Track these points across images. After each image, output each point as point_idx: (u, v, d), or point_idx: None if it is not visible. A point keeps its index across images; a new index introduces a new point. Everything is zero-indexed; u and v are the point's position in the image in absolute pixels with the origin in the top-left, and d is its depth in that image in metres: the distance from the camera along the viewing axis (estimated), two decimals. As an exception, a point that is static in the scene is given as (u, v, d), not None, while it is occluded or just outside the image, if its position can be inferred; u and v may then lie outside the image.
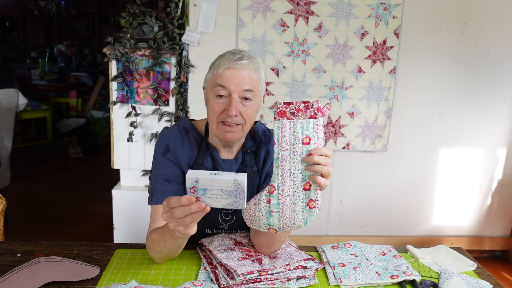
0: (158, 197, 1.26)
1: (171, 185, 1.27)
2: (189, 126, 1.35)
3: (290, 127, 1.03)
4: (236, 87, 1.20)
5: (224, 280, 1.10)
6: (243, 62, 1.20)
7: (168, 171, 1.28)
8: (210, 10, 2.40)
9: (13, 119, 3.95)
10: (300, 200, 1.05)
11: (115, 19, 7.41)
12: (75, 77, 5.84)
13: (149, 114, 2.47)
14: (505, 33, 2.58)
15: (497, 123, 2.72)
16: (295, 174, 1.04)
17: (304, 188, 1.05)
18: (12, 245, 1.29)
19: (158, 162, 1.30)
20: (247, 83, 1.20)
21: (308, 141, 1.02)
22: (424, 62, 2.59)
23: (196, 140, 1.32)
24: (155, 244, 1.16)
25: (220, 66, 1.21)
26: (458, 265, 1.28)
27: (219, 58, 1.25)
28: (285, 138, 1.03)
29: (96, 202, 3.59)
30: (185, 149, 1.30)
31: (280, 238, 1.19)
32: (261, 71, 1.26)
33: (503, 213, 2.89)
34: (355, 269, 1.21)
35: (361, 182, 2.73)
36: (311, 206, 1.05)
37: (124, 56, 2.36)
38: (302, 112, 1.02)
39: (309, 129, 1.02)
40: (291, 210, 1.06)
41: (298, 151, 1.03)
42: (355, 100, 2.58)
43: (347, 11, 2.46)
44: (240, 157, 1.34)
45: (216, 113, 1.23)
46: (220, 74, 1.21)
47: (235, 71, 1.20)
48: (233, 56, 1.21)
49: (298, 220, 1.07)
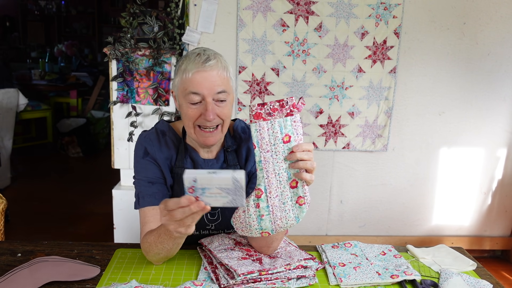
0: (144, 200, 1.26)
1: (155, 187, 1.27)
2: (166, 128, 1.33)
3: (268, 128, 1.02)
4: (209, 91, 1.17)
5: (225, 280, 1.10)
6: (211, 63, 1.17)
7: (150, 173, 1.27)
8: (210, 10, 2.40)
9: (13, 119, 3.95)
10: (289, 198, 1.04)
11: (115, 19, 7.41)
12: (75, 77, 5.84)
13: (149, 114, 2.47)
14: (505, 33, 2.58)
15: (497, 122, 2.72)
16: (280, 174, 1.03)
17: (291, 186, 1.04)
18: (12, 245, 1.29)
19: (139, 165, 1.29)
20: (219, 85, 1.18)
21: (288, 139, 1.01)
22: (424, 62, 2.59)
23: (173, 142, 1.31)
24: (152, 247, 1.16)
25: (188, 71, 1.18)
26: (458, 265, 1.28)
27: (184, 61, 1.20)
28: (264, 140, 1.02)
29: (96, 202, 3.59)
30: (163, 151, 1.29)
31: (277, 236, 1.19)
32: (229, 67, 1.23)
33: (503, 213, 2.89)
34: (355, 268, 1.21)
35: (361, 182, 2.73)
36: (301, 203, 1.04)
37: (124, 56, 2.36)
38: (278, 111, 1.01)
39: (287, 127, 1.01)
40: (282, 210, 1.05)
41: (280, 150, 1.02)
42: (355, 100, 2.58)
43: (347, 11, 2.46)
44: (222, 156, 1.33)
45: (192, 118, 1.21)
46: (189, 79, 1.17)
47: (204, 73, 1.16)
48: (199, 58, 1.17)
49: (290, 219, 1.06)
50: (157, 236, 1.14)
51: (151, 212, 1.25)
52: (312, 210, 2.75)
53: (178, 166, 1.30)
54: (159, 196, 1.26)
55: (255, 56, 2.47)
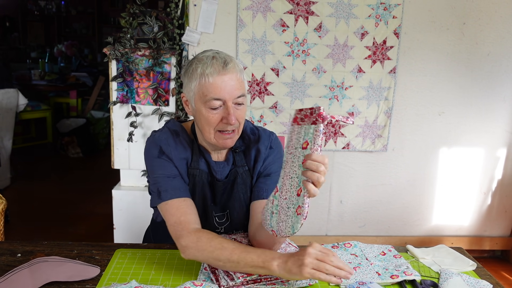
0: (168, 193, 1.21)
1: (176, 181, 1.23)
2: (179, 128, 1.31)
3: (297, 131, 1.04)
4: (230, 96, 1.16)
5: (224, 281, 1.10)
6: (230, 66, 1.16)
7: (168, 171, 1.24)
8: (210, 10, 2.40)
9: (13, 119, 3.95)
10: (293, 205, 1.03)
11: (115, 19, 7.41)
12: (75, 77, 5.84)
13: (149, 114, 2.47)
14: (505, 33, 2.58)
15: (497, 122, 2.72)
16: (292, 178, 1.04)
17: (297, 193, 1.03)
18: (12, 245, 1.29)
19: (155, 164, 1.25)
20: (238, 89, 1.18)
21: (305, 145, 1.02)
22: (424, 62, 2.59)
23: (187, 142, 1.29)
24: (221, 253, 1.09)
25: (207, 75, 1.15)
26: (458, 265, 1.28)
27: (199, 65, 1.17)
28: (291, 142, 1.05)
29: (96, 202, 3.59)
30: (179, 150, 1.26)
31: (280, 239, 1.17)
32: (242, 67, 1.23)
33: (503, 213, 2.89)
34: (355, 269, 1.21)
35: (361, 182, 2.73)
36: (298, 212, 1.02)
37: (124, 56, 2.36)
38: (308, 118, 1.03)
39: (308, 135, 1.02)
40: (285, 214, 1.05)
41: (297, 155, 1.03)
42: (355, 100, 2.58)
43: (347, 11, 2.46)
44: (230, 158, 1.33)
45: (213, 124, 1.19)
46: (210, 84, 1.15)
47: (225, 77, 1.15)
48: (217, 62, 1.16)
49: (288, 225, 1.04)
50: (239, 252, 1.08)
51: (184, 203, 1.20)
52: (312, 210, 2.75)
53: (194, 168, 1.28)
54: (183, 189, 1.23)
55: (255, 56, 2.47)
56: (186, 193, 1.23)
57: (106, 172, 3.17)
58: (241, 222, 1.34)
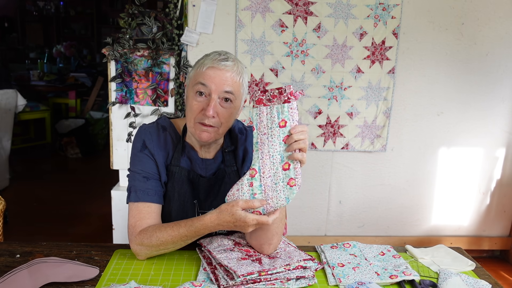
0: (137, 195, 1.26)
1: (149, 183, 1.27)
2: (167, 124, 1.34)
3: (267, 112, 1.10)
4: (217, 87, 1.19)
5: (224, 281, 1.10)
6: (227, 63, 1.20)
7: (146, 167, 1.28)
8: (209, 10, 2.40)
9: (12, 120, 3.95)
10: (281, 180, 1.10)
11: (114, 20, 7.40)
12: (74, 77, 5.83)
13: (148, 115, 2.47)
14: (504, 33, 2.59)
15: (496, 123, 2.72)
16: (274, 156, 1.10)
17: (283, 168, 1.10)
18: (11, 246, 1.29)
19: (136, 158, 1.29)
20: (229, 85, 1.20)
21: (284, 124, 1.09)
22: (422, 62, 2.59)
23: (172, 140, 1.32)
24: (164, 241, 1.18)
25: (204, 65, 1.21)
26: (457, 265, 1.28)
27: (204, 57, 1.24)
28: (263, 123, 1.10)
29: (95, 202, 3.59)
30: (161, 147, 1.30)
31: (277, 230, 1.20)
32: (245, 76, 1.25)
33: (502, 213, 2.89)
34: (354, 269, 1.21)
35: (360, 182, 2.74)
36: (292, 184, 1.10)
37: (123, 56, 2.36)
38: (277, 98, 1.09)
39: (284, 113, 1.09)
40: (273, 190, 1.11)
41: (275, 134, 1.09)
42: (354, 100, 2.58)
43: (345, 11, 2.46)
44: (220, 157, 1.35)
45: (194, 111, 1.23)
46: (202, 72, 1.21)
47: (218, 71, 1.19)
48: (218, 56, 1.21)
49: (281, 199, 1.11)
50: (177, 228, 1.18)
51: (146, 209, 1.25)
52: (311, 211, 2.76)
53: (174, 165, 1.31)
54: (152, 193, 1.26)
55: (254, 57, 2.47)
56: (154, 198, 1.27)
57: (105, 172, 3.16)
58: None
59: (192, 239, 1.20)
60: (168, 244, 1.19)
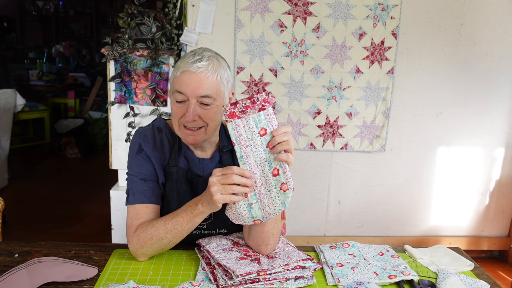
0: (135, 197, 1.26)
1: (147, 184, 1.28)
2: (163, 125, 1.35)
3: (243, 124, 1.08)
4: (192, 92, 1.18)
5: (223, 281, 1.10)
6: (201, 64, 1.17)
7: (143, 170, 1.28)
8: (208, 10, 2.40)
9: (11, 120, 3.95)
10: (273, 186, 1.10)
11: (113, 20, 7.40)
12: (73, 77, 5.83)
13: (147, 115, 2.47)
14: (503, 33, 2.59)
15: (495, 123, 2.73)
16: (261, 164, 1.10)
17: (273, 174, 1.09)
18: (9, 245, 1.29)
19: (133, 162, 1.30)
20: (204, 89, 1.18)
21: (264, 132, 1.08)
22: (421, 63, 2.59)
23: (168, 140, 1.33)
24: (157, 232, 1.18)
25: (179, 69, 1.20)
26: (456, 265, 1.28)
27: (181, 58, 1.24)
28: (242, 136, 1.08)
29: (94, 202, 3.58)
30: (157, 149, 1.30)
31: (272, 231, 1.20)
32: (222, 70, 1.22)
33: (501, 213, 2.89)
34: (353, 269, 1.21)
35: (359, 182, 2.74)
36: (284, 189, 1.09)
37: (122, 56, 2.36)
38: (250, 108, 1.07)
39: (262, 121, 1.07)
40: (268, 197, 1.10)
41: (258, 143, 1.08)
42: (353, 100, 2.58)
43: (345, 11, 2.46)
44: (217, 156, 1.35)
45: (176, 116, 1.23)
46: (178, 78, 1.20)
47: (192, 74, 1.17)
48: (192, 58, 1.19)
49: (277, 205, 1.10)
50: (170, 218, 1.18)
51: (144, 210, 1.26)
52: (310, 211, 2.76)
53: (172, 165, 1.31)
54: (149, 194, 1.27)
55: (253, 57, 2.47)
56: (151, 199, 1.27)
57: (104, 172, 3.16)
58: (224, 220, 1.33)
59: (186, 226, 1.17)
60: (162, 234, 1.17)
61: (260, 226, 1.19)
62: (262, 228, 1.19)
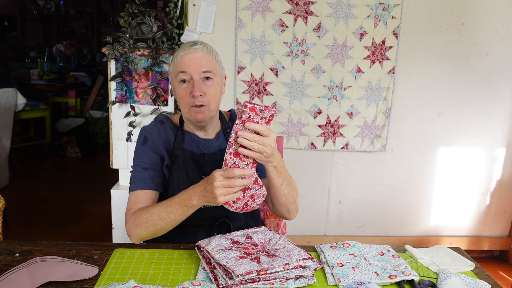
0: (135, 184, 1.35)
1: (148, 172, 1.36)
2: (164, 118, 1.47)
3: None
4: (195, 69, 1.32)
5: (223, 280, 1.10)
6: (197, 46, 1.33)
7: (146, 159, 1.38)
8: (209, 10, 2.40)
9: (11, 119, 3.95)
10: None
11: (114, 19, 7.40)
12: (74, 76, 5.83)
13: (148, 114, 2.47)
14: (504, 33, 2.59)
15: (496, 123, 2.72)
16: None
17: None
18: (10, 244, 1.29)
19: (137, 152, 1.41)
20: (205, 65, 1.32)
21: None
22: (422, 62, 2.59)
23: (171, 128, 1.44)
24: (152, 218, 1.25)
25: (177, 55, 1.34)
26: (457, 265, 1.28)
27: (176, 50, 1.37)
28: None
29: (94, 202, 3.59)
30: (161, 135, 1.41)
31: (288, 198, 1.36)
32: (217, 55, 1.37)
33: (502, 213, 2.89)
34: (353, 269, 1.21)
35: (360, 182, 2.74)
36: None
37: (123, 56, 2.36)
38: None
39: None
40: None
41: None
42: (354, 100, 2.58)
43: (346, 11, 2.46)
44: (221, 136, 1.45)
45: (184, 98, 1.34)
46: (179, 62, 1.33)
47: (190, 55, 1.32)
48: (188, 44, 1.35)
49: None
50: (165, 207, 1.24)
51: (143, 195, 1.34)
52: (311, 211, 2.76)
53: (177, 148, 1.40)
54: (149, 181, 1.35)
55: (254, 56, 2.47)
56: (150, 185, 1.36)
57: (105, 171, 3.16)
58: None
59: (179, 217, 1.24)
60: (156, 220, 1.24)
61: (277, 199, 1.35)
62: (278, 201, 1.35)
